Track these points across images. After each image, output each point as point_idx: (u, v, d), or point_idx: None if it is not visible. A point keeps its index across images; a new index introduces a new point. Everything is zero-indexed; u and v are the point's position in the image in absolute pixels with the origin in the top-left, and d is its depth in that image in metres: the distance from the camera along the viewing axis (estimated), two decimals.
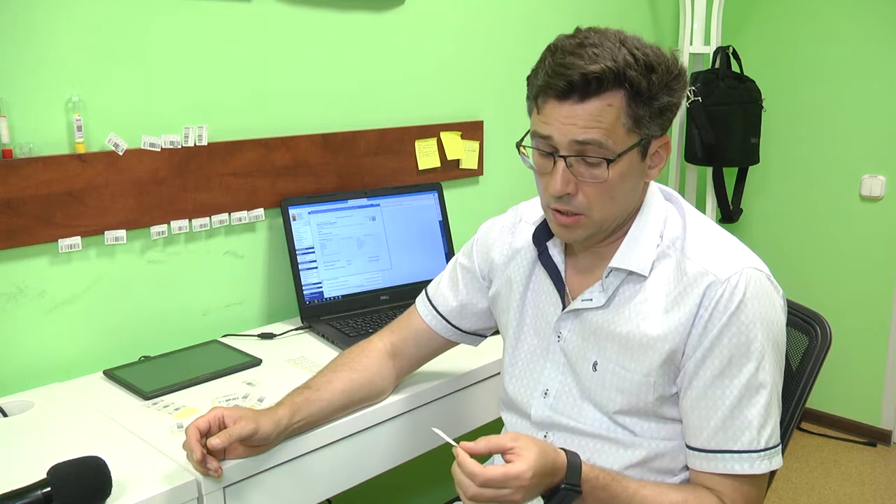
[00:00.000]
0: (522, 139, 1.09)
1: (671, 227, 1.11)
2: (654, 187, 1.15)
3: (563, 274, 1.18)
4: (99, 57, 1.52)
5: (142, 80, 1.59)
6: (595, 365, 1.12)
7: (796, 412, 1.19)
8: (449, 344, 1.38)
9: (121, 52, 1.55)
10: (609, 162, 1.01)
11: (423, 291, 1.39)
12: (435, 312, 1.35)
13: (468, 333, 1.37)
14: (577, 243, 1.14)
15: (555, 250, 1.19)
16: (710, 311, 1.02)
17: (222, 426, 1.11)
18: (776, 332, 1.04)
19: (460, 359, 1.49)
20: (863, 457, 2.89)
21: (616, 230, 1.11)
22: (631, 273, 1.09)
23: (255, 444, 1.15)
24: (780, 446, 1.05)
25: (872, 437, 2.97)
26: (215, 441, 1.08)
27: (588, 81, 0.97)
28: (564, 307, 1.16)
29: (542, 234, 1.19)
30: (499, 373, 1.30)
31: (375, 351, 1.34)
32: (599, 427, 1.12)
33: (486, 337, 1.40)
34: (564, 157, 1.02)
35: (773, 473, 1.14)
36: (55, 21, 1.46)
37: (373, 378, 1.32)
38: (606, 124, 0.99)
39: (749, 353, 1.02)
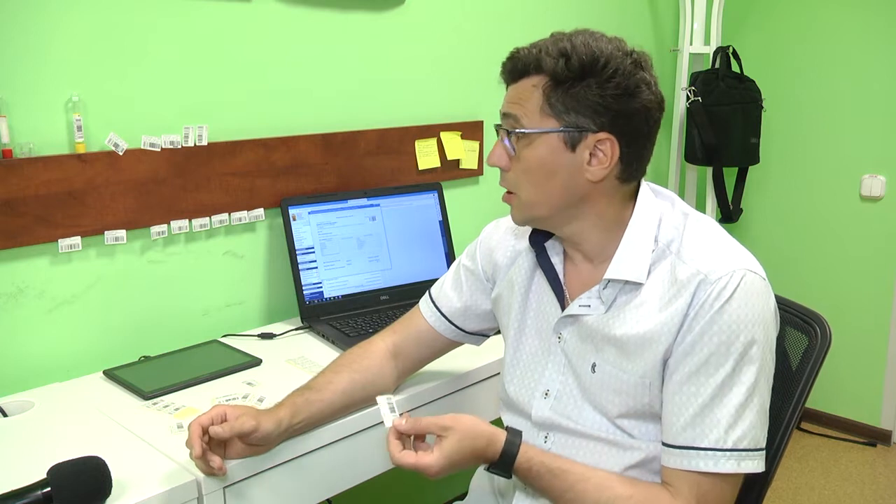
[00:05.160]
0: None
1: (666, 229, 1.10)
2: (646, 188, 1.14)
3: (561, 277, 1.18)
4: (99, 57, 1.52)
5: (142, 80, 1.59)
6: (594, 366, 1.12)
7: (796, 412, 1.19)
8: (452, 344, 1.38)
9: (121, 52, 1.55)
10: (516, 134, 1.08)
11: (427, 292, 1.39)
12: (438, 313, 1.35)
13: (471, 334, 1.37)
14: (520, 224, 1.20)
15: (552, 252, 1.19)
16: (697, 309, 1.02)
17: (224, 422, 1.12)
18: (763, 335, 1.03)
19: (460, 359, 1.49)
20: (863, 457, 2.89)
21: (576, 222, 1.12)
22: (627, 282, 1.09)
23: (255, 443, 1.15)
24: (758, 452, 1.03)
25: (872, 437, 2.97)
26: (217, 429, 1.09)
27: (515, 64, 1.09)
28: (564, 309, 1.16)
29: (538, 236, 1.19)
30: (499, 373, 1.30)
31: (377, 351, 1.34)
32: (598, 429, 1.12)
33: (488, 336, 1.40)
34: (497, 129, 1.13)
35: (764, 483, 1.14)
36: (55, 21, 1.46)
37: (374, 379, 1.32)
38: (525, 102, 1.08)
39: (728, 353, 1.01)
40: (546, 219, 1.13)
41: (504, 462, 1.08)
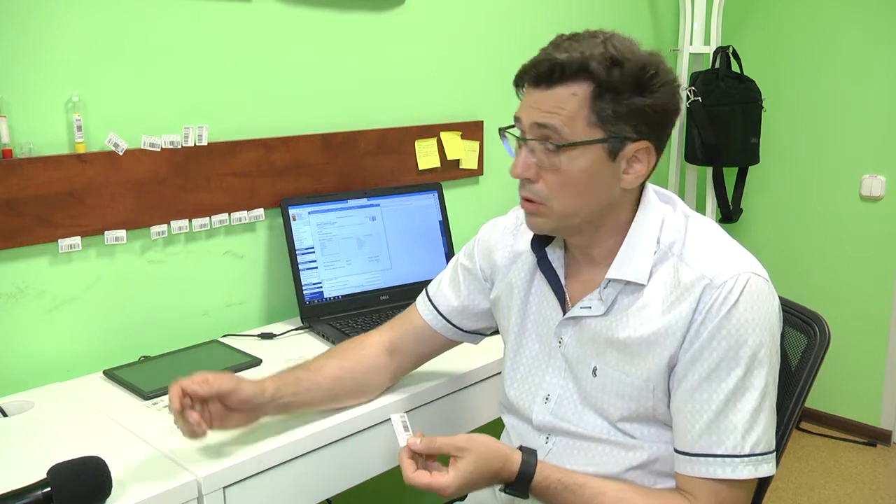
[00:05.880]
0: (508, 126, 1.13)
1: (669, 231, 1.10)
2: (650, 190, 1.14)
3: (562, 280, 1.17)
4: (99, 57, 1.52)
5: (142, 80, 1.59)
6: (595, 370, 1.12)
7: (796, 412, 1.19)
8: (449, 343, 1.38)
9: (120, 51, 1.55)
10: (560, 147, 1.02)
11: (424, 291, 1.39)
12: (436, 312, 1.34)
13: (469, 333, 1.37)
14: (542, 233, 1.15)
15: (553, 255, 1.19)
16: (704, 314, 1.02)
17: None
18: (770, 337, 1.03)
19: (460, 359, 1.49)
20: (863, 457, 2.89)
21: (598, 229, 1.11)
22: (629, 283, 1.09)
23: (236, 407, 1.15)
24: (771, 454, 1.03)
25: (872, 437, 2.98)
26: (195, 386, 1.10)
27: (552, 69, 1.01)
28: (565, 313, 1.16)
29: (540, 240, 1.19)
30: (499, 373, 1.30)
31: (372, 345, 1.34)
32: (600, 431, 1.12)
33: (486, 335, 1.40)
34: (526, 141, 1.06)
35: (765, 482, 1.13)
36: (55, 21, 1.46)
37: (366, 371, 1.32)
38: (567, 112, 1.01)
39: (738, 358, 1.01)
40: (573, 227, 1.10)
41: (521, 482, 1.07)
